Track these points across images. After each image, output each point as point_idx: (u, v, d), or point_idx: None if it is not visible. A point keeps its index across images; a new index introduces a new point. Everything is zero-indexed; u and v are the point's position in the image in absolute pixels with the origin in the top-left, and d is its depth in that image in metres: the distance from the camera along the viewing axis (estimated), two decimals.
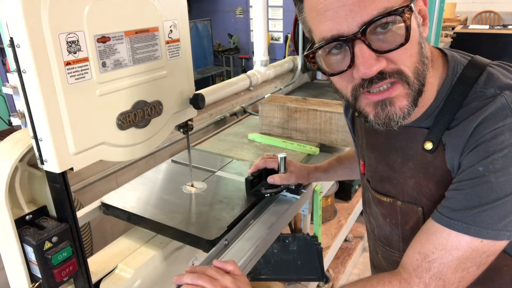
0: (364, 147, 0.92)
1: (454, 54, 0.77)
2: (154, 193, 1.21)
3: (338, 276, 2.18)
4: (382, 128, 0.71)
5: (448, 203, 0.71)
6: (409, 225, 0.84)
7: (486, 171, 0.66)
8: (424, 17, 0.70)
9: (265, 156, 1.24)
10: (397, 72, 0.66)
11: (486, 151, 0.66)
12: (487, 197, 0.66)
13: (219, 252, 1.00)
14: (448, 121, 0.72)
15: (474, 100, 0.70)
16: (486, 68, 0.73)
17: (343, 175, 1.28)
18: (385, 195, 0.87)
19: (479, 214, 0.66)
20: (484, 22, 6.38)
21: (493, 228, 0.65)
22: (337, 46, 0.67)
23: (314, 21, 0.67)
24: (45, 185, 0.79)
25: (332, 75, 0.70)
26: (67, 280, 0.81)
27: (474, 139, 0.68)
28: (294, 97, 1.88)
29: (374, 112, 0.69)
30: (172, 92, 0.95)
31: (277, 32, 7.42)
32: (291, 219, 1.40)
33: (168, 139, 1.76)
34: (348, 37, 0.63)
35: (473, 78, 0.72)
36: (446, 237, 0.69)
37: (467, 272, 0.69)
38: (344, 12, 0.62)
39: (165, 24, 0.89)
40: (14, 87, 1.19)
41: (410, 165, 0.79)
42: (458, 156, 0.70)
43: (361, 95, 0.69)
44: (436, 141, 0.74)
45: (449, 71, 0.74)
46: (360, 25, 0.62)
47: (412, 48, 0.66)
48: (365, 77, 0.65)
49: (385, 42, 0.64)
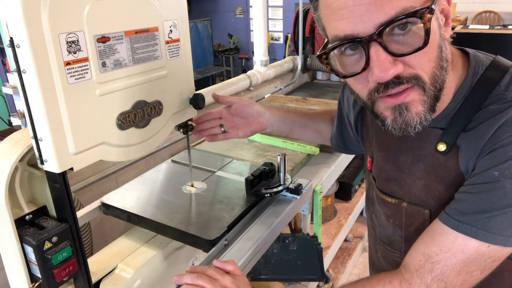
0: (374, 144, 0.91)
1: (476, 54, 0.74)
2: (154, 193, 1.21)
3: (338, 276, 2.18)
4: (399, 133, 0.69)
5: (457, 205, 0.69)
6: (413, 227, 0.82)
7: (501, 176, 0.64)
8: (446, 17, 0.66)
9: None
10: (414, 77, 0.63)
11: (504, 156, 0.64)
12: (499, 203, 0.64)
13: (219, 252, 1.00)
14: (465, 123, 0.70)
15: (494, 102, 0.68)
16: (510, 70, 0.70)
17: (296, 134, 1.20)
18: (390, 196, 0.85)
19: (489, 219, 0.65)
20: (484, 22, 6.37)
21: (502, 234, 0.64)
22: (352, 47, 0.64)
23: (328, 19, 0.65)
24: (45, 185, 0.79)
25: (345, 77, 0.68)
26: (67, 280, 0.81)
27: (492, 143, 0.66)
28: (294, 97, 1.88)
29: (393, 117, 0.67)
30: (172, 92, 0.95)
31: (277, 32, 7.42)
32: (291, 219, 1.40)
33: (168, 139, 1.76)
34: (363, 39, 0.60)
35: (494, 80, 0.70)
36: (452, 239, 0.68)
37: (471, 275, 0.68)
38: (360, 12, 0.59)
39: (165, 24, 0.89)
40: (14, 87, 1.19)
41: (421, 166, 0.77)
42: (474, 158, 0.68)
43: (379, 99, 0.67)
44: (450, 142, 0.72)
45: (470, 71, 0.72)
46: (376, 26, 0.59)
47: (431, 53, 0.63)
48: (380, 81, 0.63)
49: (402, 44, 0.61)
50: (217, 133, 1.14)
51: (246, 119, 1.13)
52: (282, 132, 1.20)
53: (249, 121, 1.13)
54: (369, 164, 0.95)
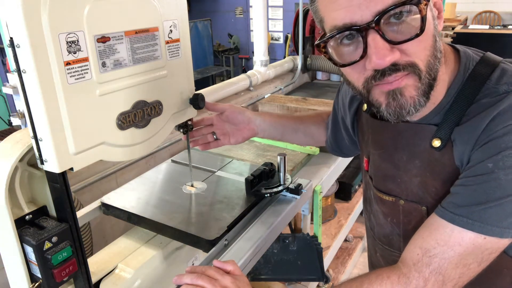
0: (369, 143, 0.91)
1: (466, 50, 0.76)
2: (154, 193, 1.21)
3: (338, 276, 2.18)
4: (394, 118, 0.70)
5: (453, 199, 0.70)
6: (411, 225, 0.83)
7: (495, 168, 0.65)
8: (439, 10, 0.69)
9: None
10: (410, 65, 0.64)
11: (497, 148, 0.65)
12: (494, 194, 0.65)
13: (219, 252, 1.01)
14: (458, 118, 0.71)
15: (486, 96, 0.69)
16: (500, 65, 0.72)
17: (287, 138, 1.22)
18: (387, 194, 0.86)
19: (485, 210, 0.65)
20: (484, 22, 6.38)
21: (498, 225, 0.65)
22: (349, 36, 0.65)
23: (326, 9, 0.66)
24: (45, 185, 0.79)
25: (343, 66, 0.69)
26: (67, 280, 0.81)
27: (486, 135, 0.67)
28: (294, 97, 1.88)
29: (387, 102, 0.69)
30: (172, 92, 0.95)
31: (277, 32, 7.42)
32: (291, 219, 1.40)
33: (168, 139, 1.76)
34: (362, 27, 0.62)
35: (485, 75, 0.71)
36: (449, 232, 0.68)
37: (468, 268, 0.68)
38: (358, 1, 0.61)
39: (165, 24, 0.89)
40: (14, 87, 1.19)
41: (417, 162, 0.78)
42: (469, 151, 0.69)
43: (374, 86, 0.68)
44: (445, 138, 0.73)
45: (461, 67, 0.73)
46: (374, 14, 0.61)
47: (427, 41, 0.65)
48: (377, 68, 0.64)
49: (399, 32, 0.63)
50: (209, 141, 1.15)
51: (237, 126, 1.14)
52: (274, 137, 1.21)
53: (240, 127, 1.14)
54: (365, 164, 0.95)
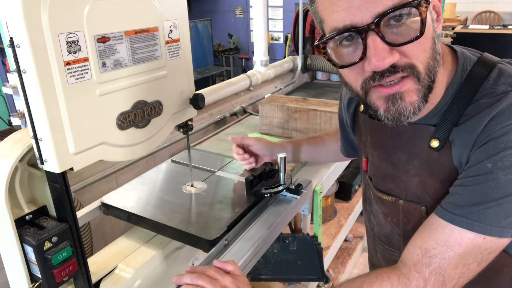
0: (368, 144, 0.91)
1: (464, 51, 0.76)
2: (154, 193, 1.21)
3: (338, 276, 2.18)
4: (392, 123, 0.70)
5: (452, 199, 0.70)
6: (411, 225, 0.83)
7: (494, 168, 0.65)
8: (438, 13, 0.69)
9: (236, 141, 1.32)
10: (409, 67, 0.65)
11: (496, 148, 0.65)
12: (493, 194, 0.65)
13: (219, 252, 1.00)
14: (456, 118, 0.72)
15: (484, 96, 0.69)
16: (497, 65, 0.72)
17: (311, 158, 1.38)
18: (387, 193, 0.86)
19: (484, 210, 0.65)
20: (484, 22, 6.38)
21: (498, 225, 0.65)
22: (349, 38, 0.65)
23: (326, 10, 0.66)
24: (45, 185, 0.79)
25: (342, 67, 0.69)
26: (67, 280, 0.81)
27: (485, 135, 0.67)
28: (294, 97, 1.88)
29: (385, 107, 0.68)
30: (172, 92, 0.95)
31: (277, 32, 7.42)
32: (291, 219, 1.40)
33: (168, 139, 1.76)
34: (361, 28, 0.62)
35: (483, 75, 0.71)
36: (448, 232, 0.69)
37: (468, 268, 0.68)
38: (358, 2, 0.61)
39: (165, 24, 0.89)
40: (14, 87, 1.19)
41: (415, 163, 0.78)
42: (467, 152, 0.69)
43: (372, 88, 0.68)
44: (443, 138, 0.73)
45: (458, 68, 0.74)
46: (374, 16, 0.61)
47: (426, 43, 0.65)
48: (377, 69, 0.64)
49: (399, 35, 0.63)
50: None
51: (262, 157, 1.34)
52: (297, 162, 1.43)
53: (264, 159, 1.34)
54: (364, 165, 0.96)
